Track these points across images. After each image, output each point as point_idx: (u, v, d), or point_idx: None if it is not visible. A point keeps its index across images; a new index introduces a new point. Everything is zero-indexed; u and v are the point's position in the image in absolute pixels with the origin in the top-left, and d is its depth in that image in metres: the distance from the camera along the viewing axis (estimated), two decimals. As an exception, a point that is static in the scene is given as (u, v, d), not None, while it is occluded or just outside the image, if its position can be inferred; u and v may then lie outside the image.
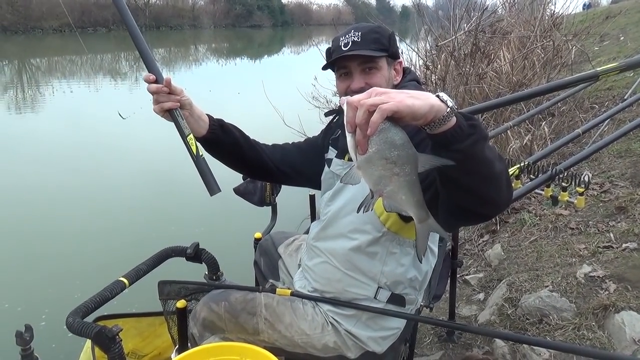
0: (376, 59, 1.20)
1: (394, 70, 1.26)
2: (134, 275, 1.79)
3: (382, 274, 1.20)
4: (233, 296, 1.27)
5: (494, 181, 0.86)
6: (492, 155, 0.84)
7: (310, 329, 1.23)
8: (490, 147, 0.84)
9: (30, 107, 10.72)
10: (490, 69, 5.18)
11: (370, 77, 1.21)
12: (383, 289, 1.22)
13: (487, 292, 2.46)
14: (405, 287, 1.23)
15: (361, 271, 1.22)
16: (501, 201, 0.90)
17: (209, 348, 1.20)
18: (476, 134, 0.79)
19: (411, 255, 1.20)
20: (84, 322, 1.47)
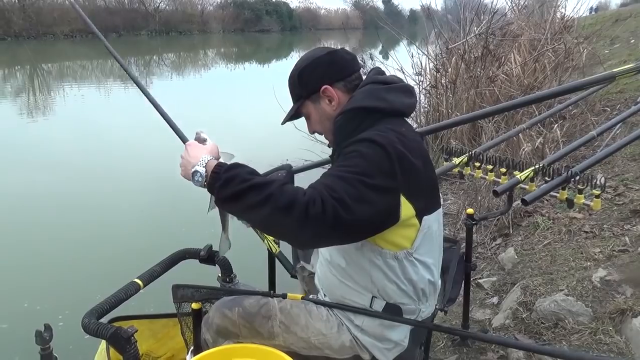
0: (299, 112, 1.29)
1: (327, 98, 1.24)
2: (148, 277, 1.80)
3: (372, 283, 1.19)
4: (247, 301, 1.27)
5: (261, 225, 1.14)
6: (240, 209, 1.03)
7: (326, 329, 1.23)
8: (241, 202, 1.00)
9: (42, 111, 10.82)
10: (501, 72, 5.15)
11: (309, 124, 1.31)
12: (377, 298, 1.20)
13: (500, 296, 2.44)
14: (400, 296, 1.21)
15: (354, 279, 1.21)
16: (290, 237, 1.06)
17: (224, 349, 1.20)
18: (216, 196, 1.04)
19: (395, 267, 1.17)
20: (100, 323, 1.48)
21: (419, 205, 1.13)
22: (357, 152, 1.07)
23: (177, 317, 1.59)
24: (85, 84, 15.39)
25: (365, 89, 1.21)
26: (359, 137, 1.11)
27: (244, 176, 1.01)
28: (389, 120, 1.17)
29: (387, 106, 1.17)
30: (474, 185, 3.49)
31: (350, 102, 1.20)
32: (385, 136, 1.09)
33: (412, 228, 1.15)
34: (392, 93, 1.20)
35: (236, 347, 1.18)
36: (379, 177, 1.03)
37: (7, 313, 3.01)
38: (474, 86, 4.91)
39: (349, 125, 1.18)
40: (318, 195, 0.97)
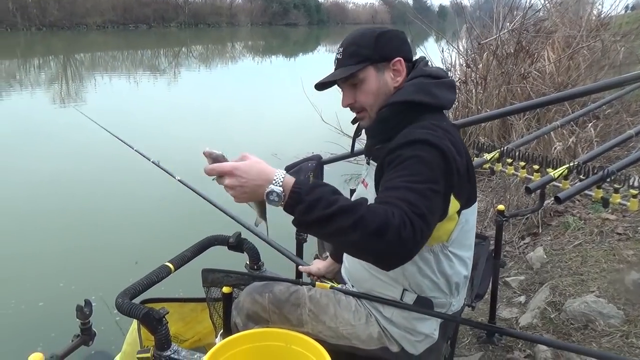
0: (356, 74, 1.17)
1: (393, 71, 1.19)
2: (179, 261, 1.84)
3: (404, 276, 1.18)
4: (277, 288, 1.28)
5: (351, 249, 1.02)
6: (327, 232, 0.94)
7: (355, 320, 1.23)
8: (328, 225, 0.92)
9: (74, 100, 11.08)
10: (534, 69, 5.04)
11: (357, 93, 1.20)
12: (408, 291, 1.19)
13: (528, 295, 2.40)
14: (432, 290, 1.20)
15: (385, 273, 1.20)
16: (378, 262, 0.98)
17: (255, 333, 1.22)
18: (298, 219, 0.95)
19: (431, 261, 1.16)
20: (133, 304, 1.52)
21: (462, 202, 1.12)
22: (418, 158, 1.02)
23: (206, 301, 1.62)
24: (115, 73, 15.70)
25: (416, 82, 1.17)
26: (411, 138, 1.06)
27: (329, 198, 0.92)
28: (432, 115, 1.15)
29: (434, 102, 1.15)
30: (504, 182, 3.43)
31: (399, 94, 1.16)
32: (437, 136, 1.06)
33: (451, 222, 1.14)
34: (440, 88, 1.17)
35: (268, 332, 1.19)
36: (442, 181, 1.01)
37: (44, 292, 3.13)
38: (505, 82, 4.82)
39: (394, 118, 1.15)
40: (406, 216, 0.91)
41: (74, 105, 9.60)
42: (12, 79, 13.66)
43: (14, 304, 3.02)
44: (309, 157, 2.10)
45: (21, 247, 3.79)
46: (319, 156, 2.13)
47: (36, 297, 3.07)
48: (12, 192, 4.86)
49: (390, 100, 1.17)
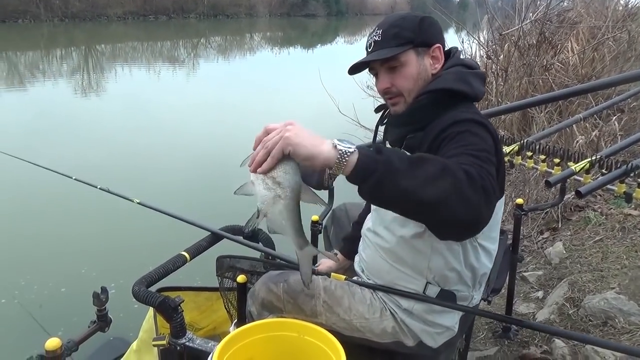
0: (397, 57, 1.14)
1: (432, 58, 1.18)
2: (195, 251, 1.85)
3: (429, 269, 1.17)
4: (292, 278, 1.28)
5: (430, 208, 0.81)
6: (416, 183, 0.80)
7: (369, 313, 1.23)
8: (414, 175, 0.80)
9: (95, 90, 11.25)
10: (557, 61, 4.93)
11: (395, 77, 1.17)
12: (432, 284, 1.18)
13: (546, 291, 2.37)
14: (456, 283, 1.19)
15: (408, 265, 1.19)
16: (465, 221, 0.82)
17: (269, 323, 1.22)
18: (374, 177, 0.80)
19: (458, 252, 1.15)
20: (149, 292, 1.54)
21: (499, 184, 1.10)
22: (469, 132, 1.00)
23: (220, 291, 1.63)
24: (135, 64, 15.86)
25: (455, 70, 1.16)
26: (458, 118, 1.04)
27: (401, 155, 0.85)
28: (467, 104, 1.14)
29: (471, 92, 1.14)
30: (523, 176, 3.38)
31: (440, 82, 1.15)
32: (482, 116, 1.08)
33: None
34: (475, 79, 1.17)
35: (281, 322, 1.20)
36: (493, 154, 0.99)
37: (66, 277, 3.21)
38: (527, 74, 4.72)
39: (433, 106, 1.13)
40: (482, 171, 0.86)
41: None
42: (36, 70, 13.91)
43: (37, 289, 3.09)
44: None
45: (43, 233, 3.88)
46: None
47: (58, 283, 3.14)
48: (38, 179, 4.92)
49: (430, 87, 1.15)
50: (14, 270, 3.30)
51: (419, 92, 1.16)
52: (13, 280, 3.15)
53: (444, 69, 1.18)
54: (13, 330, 2.75)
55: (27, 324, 2.73)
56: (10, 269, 3.33)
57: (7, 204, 4.38)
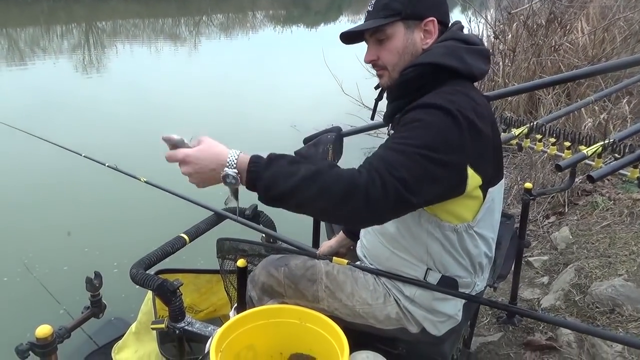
0: (383, 29, 1.09)
1: (424, 32, 1.10)
2: (194, 233, 1.82)
3: (428, 254, 1.13)
4: (293, 262, 1.24)
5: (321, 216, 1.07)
6: (295, 204, 0.91)
7: (372, 299, 1.19)
8: (300, 194, 0.89)
9: (96, 68, 11.10)
10: (566, 41, 4.81)
11: (381, 49, 1.13)
12: (432, 271, 1.14)
13: (551, 276, 2.33)
14: (456, 269, 1.15)
15: (407, 251, 1.15)
16: (347, 222, 1.08)
17: (269, 309, 1.19)
18: (261, 197, 0.93)
19: (454, 240, 1.11)
20: (147, 274, 1.50)
21: (485, 177, 1.05)
22: (421, 122, 0.96)
23: (220, 273, 1.60)
24: (136, 41, 15.65)
25: (447, 44, 1.08)
26: (422, 101, 1.00)
27: (289, 169, 0.90)
28: (460, 82, 1.07)
29: (463, 68, 1.06)
30: (529, 159, 3.31)
31: (426, 56, 1.08)
32: (452, 100, 0.98)
33: (476, 200, 1.08)
34: (471, 55, 1.08)
35: (282, 308, 1.16)
36: (446, 150, 0.94)
37: (69, 257, 3.18)
38: (535, 55, 4.62)
39: (417, 81, 1.07)
40: (377, 175, 0.88)
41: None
42: (36, 47, 13.74)
43: (38, 268, 3.07)
44: (328, 129, 2.02)
45: (49, 210, 3.85)
46: (338, 128, 2.05)
47: (60, 262, 3.12)
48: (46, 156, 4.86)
49: (415, 61, 1.09)
50: (18, 247, 3.28)
51: (405, 66, 1.10)
52: (17, 258, 3.12)
53: (436, 44, 1.10)
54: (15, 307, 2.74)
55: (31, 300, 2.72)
56: (15, 246, 3.32)
57: (15, 180, 4.34)
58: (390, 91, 1.16)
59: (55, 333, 0.94)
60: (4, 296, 2.86)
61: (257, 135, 5.61)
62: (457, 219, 1.08)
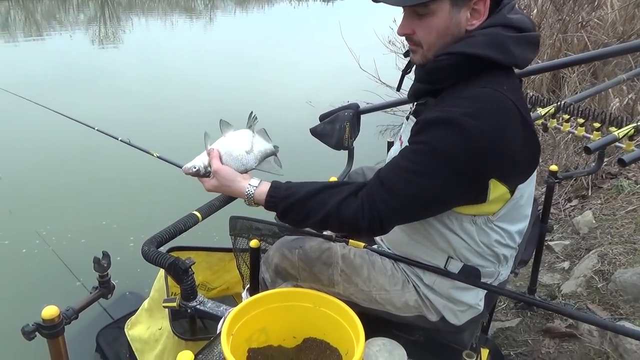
0: (428, 4, 0.95)
1: (471, 11, 0.97)
2: (207, 210, 1.77)
3: (448, 244, 1.07)
4: (308, 244, 1.19)
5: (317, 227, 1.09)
6: (303, 226, 1.11)
7: (389, 285, 1.14)
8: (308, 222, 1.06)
9: (112, 41, 11.10)
10: (594, 17, 4.61)
11: (420, 24, 0.99)
12: (454, 259, 1.08)
13: (572, 261, 2.26)
14: (479, 259, 1.08)
15: (427, 238, 1.09)
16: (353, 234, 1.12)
17: (283, 292, 1.15)
18: (277, 209, 1.07)
19: (472, 232, 1.04)
20: (159, 252, 1.47)
21: (513, 183, 0.99)
22: (430, 147, 0.92)
23: (233, 251, 1.57)
24: (152, 15, 15.53)
25: (491, 32, 0.95)
26: (438, 116, 0.91)
27: (303, 201, 1.03)
28: (497, 73, 0.96)
29: (506, 60, 0.95)
30: (553, 140, 3.21)
31: (466, 44, 0.95)
32: (476, 113, 0.89)
33: (500, 201, 1.02)
34: (519, 45, 0.96)
35: (296, 292, 1.12)
36: (455, 176, 0.93)
37: (87, 229, 3.21)
38: (561, 31, 4.43)
39: (451, 71, 0.97)
40: (368, 210, 0.97)
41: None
42: (53, 19, 13.72)
43: (55, 240, 3.09)
44: (345, 106, 1.95)
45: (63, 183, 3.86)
46: (356, 105, 1.98)
47: (78, 234, 3.14)
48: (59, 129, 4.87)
49: (453, 48, 0.96)
50: (34, 220, 3.30)
51: (442, 47, 0.98)
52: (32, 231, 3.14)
53: (481, 28, 0.98)
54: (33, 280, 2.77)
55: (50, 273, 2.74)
56: (30, 219, 3.34)
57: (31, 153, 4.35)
58: (419, 70, 1.07)
59: (62, 314, 0.91)
60: (21, 269, 2.89)
61: (272, 111, 5.53)
62: (475, 211, 1.02)
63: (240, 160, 1.15)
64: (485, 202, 0.98)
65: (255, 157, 1.17)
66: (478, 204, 1.00)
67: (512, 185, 0.99)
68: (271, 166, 1.17)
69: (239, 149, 1.15)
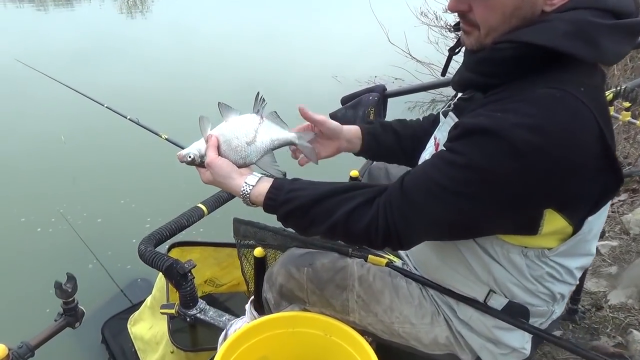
0: None
1: None
2: (214, 203, 1.63)
3: (490, 275, 0.87)
4: (319, 261, 1.00)
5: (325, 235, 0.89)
6: (301, 224, 0.88)
7: (416, 317, 0.95)
8: (308, 231, 0.89)
9: (141, 10, 11.04)
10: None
11: (479, 2, 0.76)
12: (497, 294, 0.88)
13: (620, 266, 2.02)
14: (529, 297, 0.88)
15: (463, 264, 0.89)
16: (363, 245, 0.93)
17: (288, 316, 0.99)
18: (277, 214, 0.89)
19: (522, 266, 0.84)
20: (156, 253, 1.33)
21: (578, 215, 0.77)
22: (469, 162, 0.71)
23: (238, 254, 1.41)
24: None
25: (576, 18, 0.71)
26: (491, 124, 0.69)
27: (306, 207, 0.85)
28: (574, 66, 0.72)
29: (590, 56, 0.71)
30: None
31: (539, 32, 0.71)
32: (538, 127, 0.67)
33: (562, 235, 0.81)
34: (613, 35, 0.71)
35: (305, 316, 0.96)
36: (496, 205, 0.73)
37: (106, 208, 3.11)
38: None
39: (510, 64, 0.74)
40: (384, 223, 0.79)
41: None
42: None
43: (71, 219, 3.01)
44: (370, 88, 1.74)
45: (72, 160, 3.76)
46: (382, 87, 1.77)
47: (94, 214, 3.05)
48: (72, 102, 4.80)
49: (519, 36, 0.73)
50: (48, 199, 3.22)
51: (505, 32, 0.76)
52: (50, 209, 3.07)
53: (563, 10, 0.73)
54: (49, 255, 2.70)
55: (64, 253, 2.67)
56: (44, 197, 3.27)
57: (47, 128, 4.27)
58: (470, 55, 0.83)
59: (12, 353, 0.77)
60: (38, 244, 2.83)
61: (297, 84, 5.33)
62: (525, 242, 0.81)
63: (239, 153, 0.93)
64: (536, 234, 0.77)
65: (257, 149, 0.94)
66: (527, 236, 0.79)
67: (576, 218, 0.77)
68: (273, 162, 0.95)
69: (239, 139, 0.93)
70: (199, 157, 0.95)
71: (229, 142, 0.93)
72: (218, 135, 0.94)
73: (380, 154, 1.14)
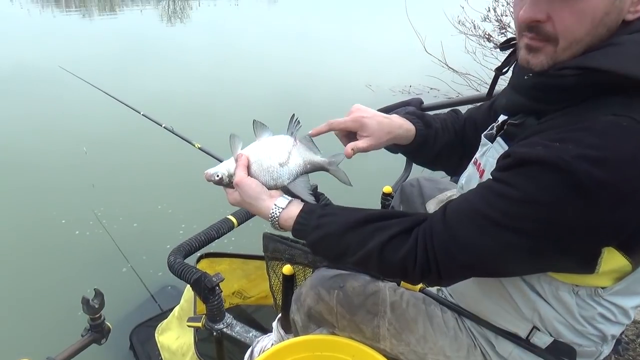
0: None
1: None
2: (244, 216, 1.61)
3: (535, 312, 0.81)
4: (350, 284, 0.96)
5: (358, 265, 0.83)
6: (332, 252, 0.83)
7: (451, 349, 0.90)
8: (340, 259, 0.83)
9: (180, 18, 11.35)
10: None
11: (563, 6, 0.66)
12: (541, 332, 0.82)
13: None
14: (576, 337, 0.82)
15: (504, 298, 0.84)
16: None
17: (317, 339, 0.95)
18: (307, 240, 0.84)
19: (571, 306, 0.77)
20: (185, 265, 1.32)
21: (639, 252, 0.70)
22: (523, 197, 0.65)
23: (266, 268, 1.39)
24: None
25: None
26: (549, 156, 0.63)
27: (338, 235, 0.80)
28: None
29: None
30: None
31: (606, 56, 0.64)
32: (602, 159, 0.60)
33: (615, 274, 0.74)
34: None
35: (333, 340, 0.93)
36: (552, 242, 0.66)
37: (143, 213, 3.17)
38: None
39: (577, 91, 0.67)
40: (423, 256, 0.73)
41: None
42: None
43: (107, 224, 3.06)
44: (406, 101, 1.69)
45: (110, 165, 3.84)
46: (419, 100, 1.72)
47: (131, 218, 3.10)
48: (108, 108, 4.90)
49: (585, 62, 0.65)
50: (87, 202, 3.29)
51: (586, 48, 0.68)
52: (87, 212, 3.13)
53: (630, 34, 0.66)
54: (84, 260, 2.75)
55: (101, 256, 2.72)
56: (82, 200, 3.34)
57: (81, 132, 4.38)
58: (524, 80, 0.74)
59: (36, 372, 0.76)
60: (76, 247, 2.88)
61: (330, 92, 5.30)
62: (577, 281, 0.75)
63: (271, 173, 0.89)
64: (592, 273, 0.71)
65: (290, 171, 0.90)
66: (582, 275, 0.73)
67: (638, 256, 0.70)
68: (307, 186, 0.92)
69: (271, 159, 0.90)
70: (227, 176, 0.91)
71: (260, 162, 0.90)
72: (249, 154, 0.91)
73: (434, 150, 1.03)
